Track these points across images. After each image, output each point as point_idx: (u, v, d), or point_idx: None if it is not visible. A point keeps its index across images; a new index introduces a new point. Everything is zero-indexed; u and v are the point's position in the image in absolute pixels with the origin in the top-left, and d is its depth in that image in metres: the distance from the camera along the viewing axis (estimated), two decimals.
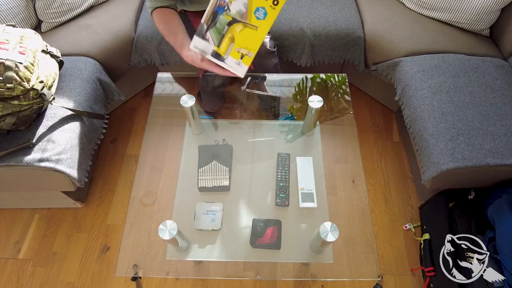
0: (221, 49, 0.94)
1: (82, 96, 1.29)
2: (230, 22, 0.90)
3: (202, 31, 0.93)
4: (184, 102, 1.01)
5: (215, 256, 0.94)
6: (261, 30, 0.90)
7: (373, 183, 1.57)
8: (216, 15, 0.90)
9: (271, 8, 0.87)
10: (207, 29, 0.92)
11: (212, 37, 0.93)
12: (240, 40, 0.92)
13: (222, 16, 0.90)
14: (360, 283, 1.33)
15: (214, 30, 0.92)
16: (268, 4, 0.86)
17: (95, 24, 1.49)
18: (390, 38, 1.46)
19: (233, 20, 0.90)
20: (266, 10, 0.87)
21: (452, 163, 1.11)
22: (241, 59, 0.95)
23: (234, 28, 0.91)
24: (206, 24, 0.92)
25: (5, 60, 1.02)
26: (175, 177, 1.06)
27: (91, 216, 1.50)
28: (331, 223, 0.81)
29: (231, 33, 0.92)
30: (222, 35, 0.92)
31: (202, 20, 0.91)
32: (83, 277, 1.36)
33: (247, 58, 0.94)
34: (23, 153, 1.13)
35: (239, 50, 0.94)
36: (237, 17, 0.89)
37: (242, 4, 0.87)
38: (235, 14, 0.89)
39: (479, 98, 1.24)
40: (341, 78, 1.28)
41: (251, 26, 0.90)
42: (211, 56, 0.95)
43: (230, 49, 0.94)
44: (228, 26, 0.91)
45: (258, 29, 0.90)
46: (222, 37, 0.92)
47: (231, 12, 0.89)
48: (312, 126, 1.13)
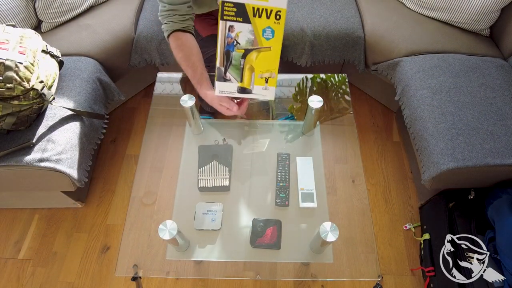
0: (244, 82, 0.96)
1: (82, 96, 1.29)
2: (244, 54, 0.92)
3: (222, 74, 0.95)
4: (184, 102, 1.01)
5: (215, 256, 0.94)
6: (275, 49, 0.92)
7: (373, 183, 1.57)
8: (229, 53, 0.92)
9: (276, 24, 0.90)
10: (225, 71, 0.95)
11: (233, 75, 0.95)
12: (259, 66, 0.94)
13: (234, 52, 0.92)
14: (360, 283, 1.33)
15: (232, 68, 0.94)
16: (272, 22, 0.89)
17: (95, 24, 1.49)
18: (390, 38, 1.46)
19: (246, 51, 0.92)
20: (272, 28, 0.90)
21: (452, 163, 1.11)
22: (266, 83, 0.97)
23: (250, 58, 0.93)
24: (222, 66, 0.94)
25: (5, 60, 1.02)
26: (175, 177, 1.06)
27: (91, 216, 1.50)
28: (331, 223, 0.81)
29: (248, 64, 0.94)
30: (241, 69, 0.94)
31: (218, 64, 0.93)
32: (83, 277, 1.36)
33: (272, 79, 0.96)
34: (23, 153, 1.13)
35: (261, 76, 0.95)
36: (248, 46, 0.91)
37: (248, 32, 0.90)
38: (246, 44, 0.91)
39: (479, 98, 1.24)
40: (341, 78, 1.28)
41: (265, 49, 0.92)
42: (237, 93, 0.97)
43: (253, 79, 0.96)
44: (243, 59, 0.93)
45: (272, 48, 0.92)
46: (242, 71, 0.94)
47: (242, 45, 0.91)
48: (312, 126, 1.13)
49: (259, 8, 0.89)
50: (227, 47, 0.91)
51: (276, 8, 0.88)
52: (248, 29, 0.90)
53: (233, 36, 0.90)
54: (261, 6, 0.88)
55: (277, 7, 0.89)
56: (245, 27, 0.90)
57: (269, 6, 0.88)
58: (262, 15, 0.89)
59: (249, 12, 0.89)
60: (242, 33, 0.90)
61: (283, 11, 0.89)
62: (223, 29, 0.91)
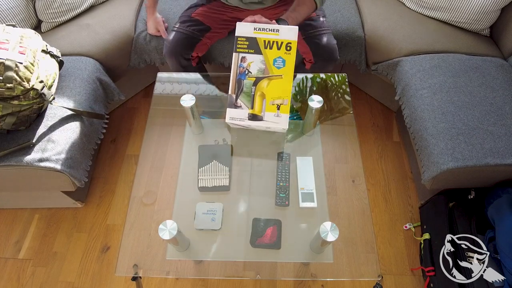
0: (255, 109, 0.97)
1: (82, 96, 1.29)
2: (255, 82, 0.94)
3: (233, 101, 0.97)
4: (184, 102, 1.01)
5: (215, 256, 0.94)
6: (286, 77, 0.94)
7: (373, 183, 1.57)
8: (240, 82, 0.95)
9: (286, 54, 0.94)
10: (236, 98, 0.97)
11: (244, 102, 0.97)
12: (271, 93, 0.95)
13: (246, 80, 0.94)
14: (360, 283, 1.33)
15: (243, 95, 0.96)
16: (283, 52, 0.93)
17: (95, 24, 1.49)
18: (390, 38, 1.46)
19: (257, 79, 0.94)
20: (283, 58, 0.93)
21: (452, 163, 1.11)
22: (278, 110, 0.97)
23: (261, 85, 0.95)
24: (234, 93, 0.96)
25: (5, 60, 1.02)
26: (175, 177, 1.06)
27: (91, 216, 1.50)
28: (331, 223, 0.81)
29: (260, 91, 0.95)
30: (252, 96, 0.96)
31: (229, 92, 0.95)
32: (83, 277, 1.36)
33: (284, 106, 0.96)
34: (23, 153, 1.13)
35: (273, 102, 0.96)
36: (260, 74, 0.94)
37: (260, 62, 0.94)
38: (257, 73, 0.94)
39: (479, 98, 1.24)
40: (341, 78, 1.28)
41: (276, 77, 0.94)
42: (248, 120, 0.98)
43: (265, 106, 0.97)
44: (254, 86, 0.95)
45: (283, 76, 0.94)
46: (253, 99, 0.96)
47: (253, 74, 0.94)
48: (312, 126, 1.13)
49: (270, 41, 0.93)
50: (239, 75, 0.95)
51: (287, 40, 0.93)
52: (259, 60, 0.94)
53: (245, 66, 0.94)
54: (272, 39, 0.93)
55: (288, 40, 0.93)
56: (256, 58, 0.94)
57: (280, 39, 0.93)
58: (273, 47, 0.94)
59: (261, 45, 0.94)
60: (254, 63, 0.94)
61: (293, 43, 0.93)
62: (236, 60, 0.95)
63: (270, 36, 0.93)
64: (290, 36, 0.93)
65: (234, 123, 0.99)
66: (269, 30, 0.93)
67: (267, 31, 0.94)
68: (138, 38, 1.50)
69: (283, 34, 0.93)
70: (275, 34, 0.93)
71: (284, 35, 0.93)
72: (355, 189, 1.06)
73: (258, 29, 0.94)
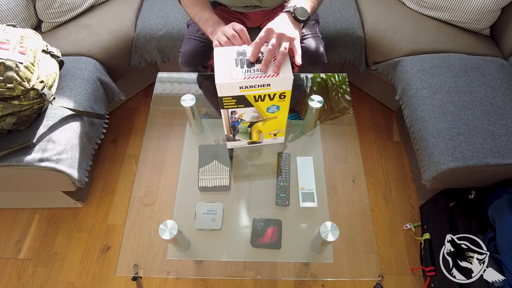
0: (254, 139, 1.01)
1: (83, 96, 1.29)
2: (250, 125, 0.94)
3: (231, 138, 0.99)
4: (184, 102, 1.01)
5: (215, 256, 0.94)
6: (281, 116, 0.92)
7: (373, 183, 1.57)
8: (235, 127, 0.94)
9: (281, 102, 0.85)
10: (233, 136, 0.98)
11: (242, 137, 0.99)
12: (267, 128, 0.96)
13: (240, 125, 0.93)
14: (360, 283, 1.33)
15: (240, 134, 0.97)
16: (276, 101, 0.85)
17: (95, 24, 1.49)
18: (390, 37, 1.46)
19: (251, 123, 0.93)
20: (277, 105, 0.87)
21: (452, 163, 1.11)
22: (275, 136, 1.01)
23: (257, 125, 0.94)
24: (230, 133, 0.97)
25: (6, 60, 1.02)
26: (176, 177, 1.06)
27: (92, 216, 1.51)
28: (331, 222, 0.81)
29: (256, 129, 0.96)
30: (249, 133, 0.97)
31: (225, 132, 0.96)
32: (83, 277, 1.36)
33: (280, 133, 1.00)
34: (23, 153, 1.13)
35: (269, 133, 0.99)
36: (254, 120, 0.91)
37: (252, 112, 0.88)
38: (250, 120, 0.91)
39: (479, 98, 1.24)
40: (341, 78, 1.27)
41: (270, 119, 0.92)
42: (248, 144, 1.03)
43: (262, 135, 1.00)
44: (250, 127, 0.95)
45: (278, 116, 0.92)
46: (250, 134, 0.98)
47: (246, 120, 0.91)
48: (312, 126, 1.13)
49: (260, 95, 0.82)
50: (232, 123, 0.92)
51: (280, 91, 0.82)
52: (251, 110, 0.87)
53: (237, 117, 0.89)
54: (263, 93, 0.82)
55: (281, 90, 0.82)
56: (248, 110, 0.86)
57: (273, 92, 0.81)
58: (265, 99, 0.83)
59: (251, 100, 0.83)
60: (246, 114, 0.88)
61: (287, 92, 0.83)
62: (226, 114, 0.87)
63: (261, 92, 0.80)
64: (284, 86, 0.80)
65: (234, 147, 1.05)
66: (258, 86, 0.79)
67: (256, 87, 0.79)
68: (138, 37, 1.50)
69: (275, 86, 0.80)
70: (267, 89, 0.80)
71: (276, 87, 0.80)
72: (355, 189, 1.06)
73: (244, 87, 0.78)
